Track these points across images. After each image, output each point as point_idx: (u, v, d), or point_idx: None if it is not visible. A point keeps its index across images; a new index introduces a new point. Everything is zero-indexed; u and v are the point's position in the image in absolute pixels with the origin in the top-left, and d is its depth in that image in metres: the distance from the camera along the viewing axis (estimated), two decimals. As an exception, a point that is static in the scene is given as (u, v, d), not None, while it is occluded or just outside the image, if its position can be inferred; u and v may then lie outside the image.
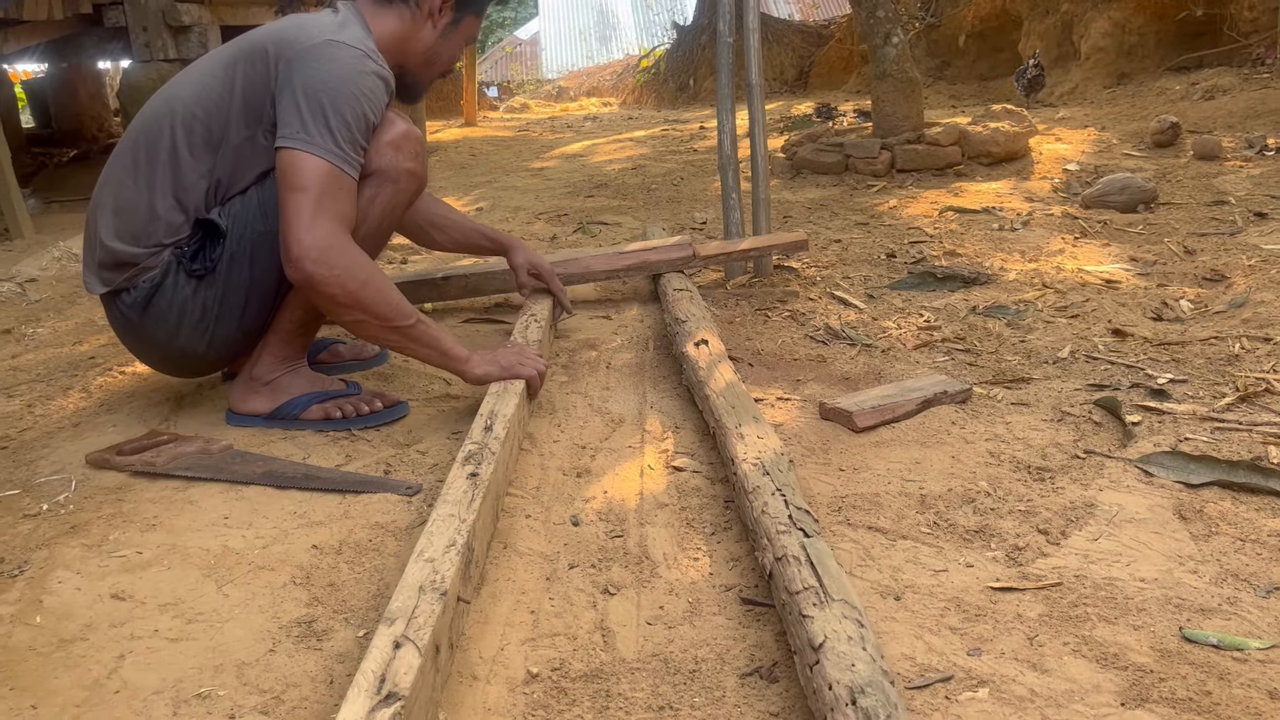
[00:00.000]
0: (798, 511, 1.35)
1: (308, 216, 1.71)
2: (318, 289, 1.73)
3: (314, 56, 1.79)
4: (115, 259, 1.87)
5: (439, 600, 1.14)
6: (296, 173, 1.73)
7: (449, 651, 1.17)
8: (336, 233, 1.74)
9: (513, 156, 6.75)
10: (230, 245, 1.87)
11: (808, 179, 4.70)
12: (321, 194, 1.72)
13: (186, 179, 1.87)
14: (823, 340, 2.43)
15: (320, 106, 1.75)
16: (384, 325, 1.81)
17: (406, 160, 1.93)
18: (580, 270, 2.76)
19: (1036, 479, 1.65)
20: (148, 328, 1.92)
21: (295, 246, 1.70)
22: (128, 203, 1.87)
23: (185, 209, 1.87)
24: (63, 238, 3.83)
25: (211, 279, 1.88)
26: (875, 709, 0.95)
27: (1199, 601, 1.29)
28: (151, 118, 1.91)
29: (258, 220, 1.87)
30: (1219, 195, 3.70)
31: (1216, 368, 2.08)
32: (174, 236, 1.87)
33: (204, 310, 1.90)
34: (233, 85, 1.86)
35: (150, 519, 1.61)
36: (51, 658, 1.25)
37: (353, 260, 1.75)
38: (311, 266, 1.71)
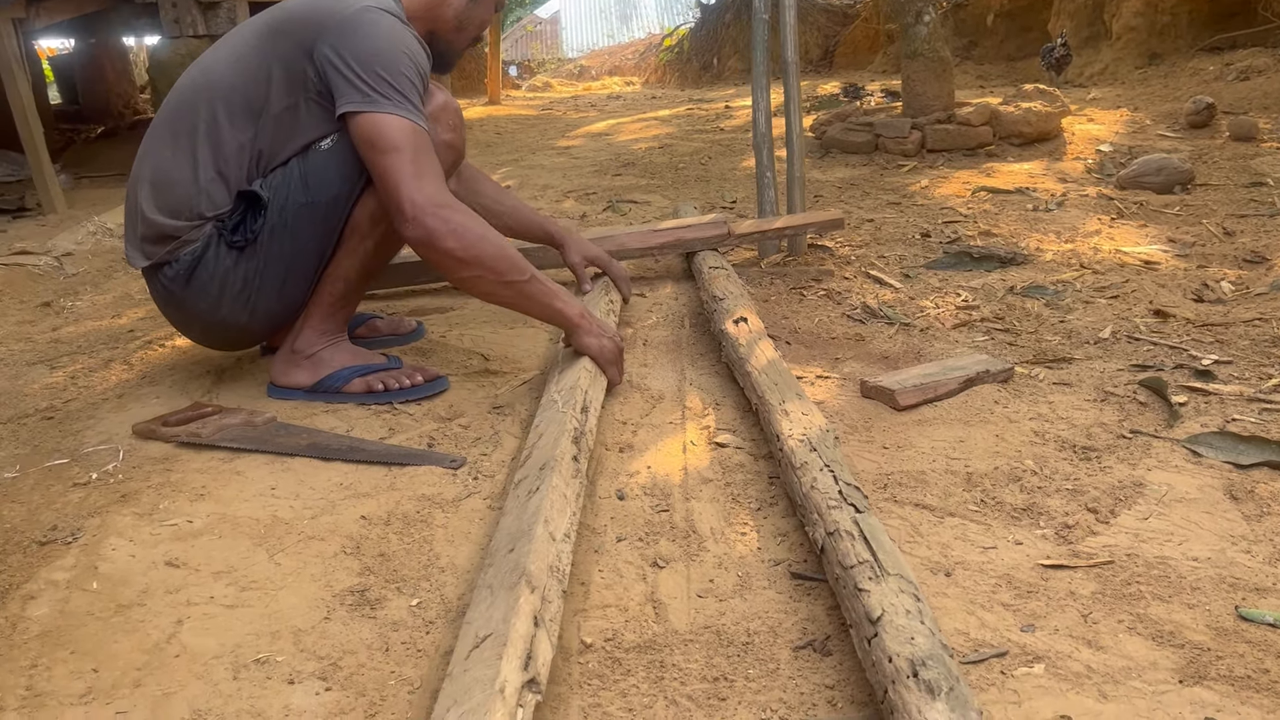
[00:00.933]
0: (847, 487, 1.35)
1: (411, 175, 1.71)
2: (437, 245, 1.73)
3: (357, 24, 1.79)
4: (158, 232, 1.88)
5: (560, 597, 1.16)
6: (382, 135, 1.72)
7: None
8: (442, 189, 1.75)
9: (538, 135, 6.74)
10: (271, 217, 1.88)
11: (837, 158, 4.67)
12: (416, 152, 1.73)
13: (227, 150, 1.87)
14: (860, 319, 2.42)
15: (380, 72, 1.75)
16: (500, 280, 1.80)
17: (445, 132, 1.94)
18: (615, 247, 2.75)
19: (1083, 458, 1.64)
20: (190, 300, 1.93)
21: (409, 205, 1.70)
22: (168, 176, 1.88)
23: (227, 181, 1.88)
24: (96, 212, 3.85)
25: (253, 250, 1.89)
26: (938, 681, 0.95)
27: (1253, 581, 1.28)
28: (189, 90, 1.91)
29: (299, 192, 1.88)
30: (1256, 176, 3.66)
31: (1261, 349, 2.06)
32: (216, 209, 1.88)
33: (245, 282, 1.91)
34: (270, 55, 1.86)
35: (199, 489, 1.62)
36: (110, 622, 1.27)
37: (467, 214, 1.76)
38: (431, 221, 1.70)
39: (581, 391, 1.73)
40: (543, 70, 15.57)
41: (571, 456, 1.49)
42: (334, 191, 1.87)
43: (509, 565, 1.18)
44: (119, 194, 4.49)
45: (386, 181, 1.72)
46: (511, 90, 11.62)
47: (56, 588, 1.35)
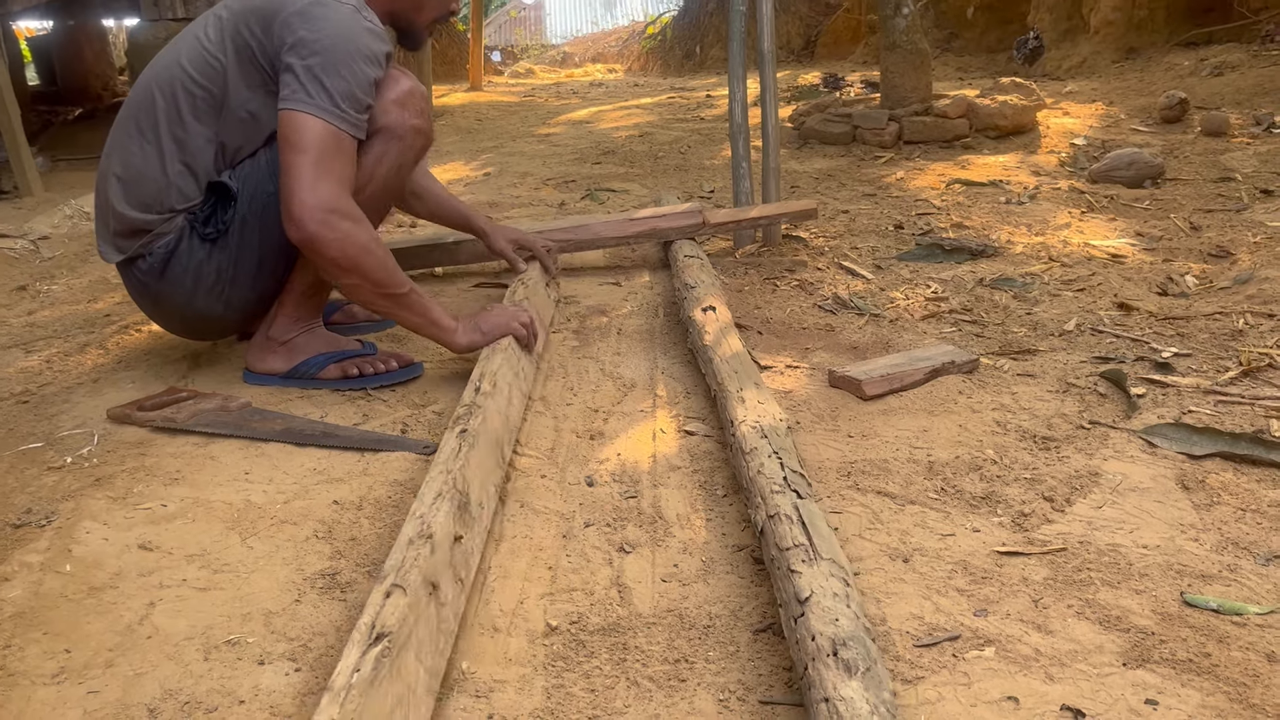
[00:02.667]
0: (793, 474, 1.38)
1: (309, 178, 1.71)
2: (318, 250, 1.74)
3: (306, 17, 1.79)
4: (130, 226, 1.89)
5: (426, 544, 1.15)
6: (296, 133, 1.73)
7: (456, 587, 1.19)
8: (338, 195, 1.74)
9: (519, 122, 6.74)
10: (241, 207, 1.89)
11: (815, 149, 4.70)
12: (321, 155, 1.73)
13: (193, 144, 1.88)
14: (831, 309, 2.46)
15: (317, 67, 1.75)
16: (378, 291, 1.82)
17: (413, 117, 1.94)
18: (590, 237, 2.78)
19: (1042, 448, 1.68)
20: (164, 292, 1.94)
21: (297, 207, 1.71)
22: (137, 170, 1.89)
23: (195, 173, 1.89)
24: (73, 195, 3.84)
25: (224, 242, 1.90)
26: (856, 660, 0.98)
27: (1200, 568, 1.33)
28: (152, 85, 1.91)
29: (267, 181, 1.89)
30: (1226, 172, 3.71)
31: (1220, 342, 2.10)
32: (186, 202, 1.89)
33: (219, 273, 1.92)
34: (226, 49, 1.86)
35: (173, 473, 1.64)
36: (83, 604, 1.29)
37: (354, 224, 1.75)
38: (313, 227, 1.71)
39: (474, 381, 1.73)
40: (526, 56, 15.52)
41: (457, 433, 1.49)
42: None
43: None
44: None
45: (285, 179, 1.72)
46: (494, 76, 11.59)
47: (30, 570, 1.37)
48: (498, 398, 1.67)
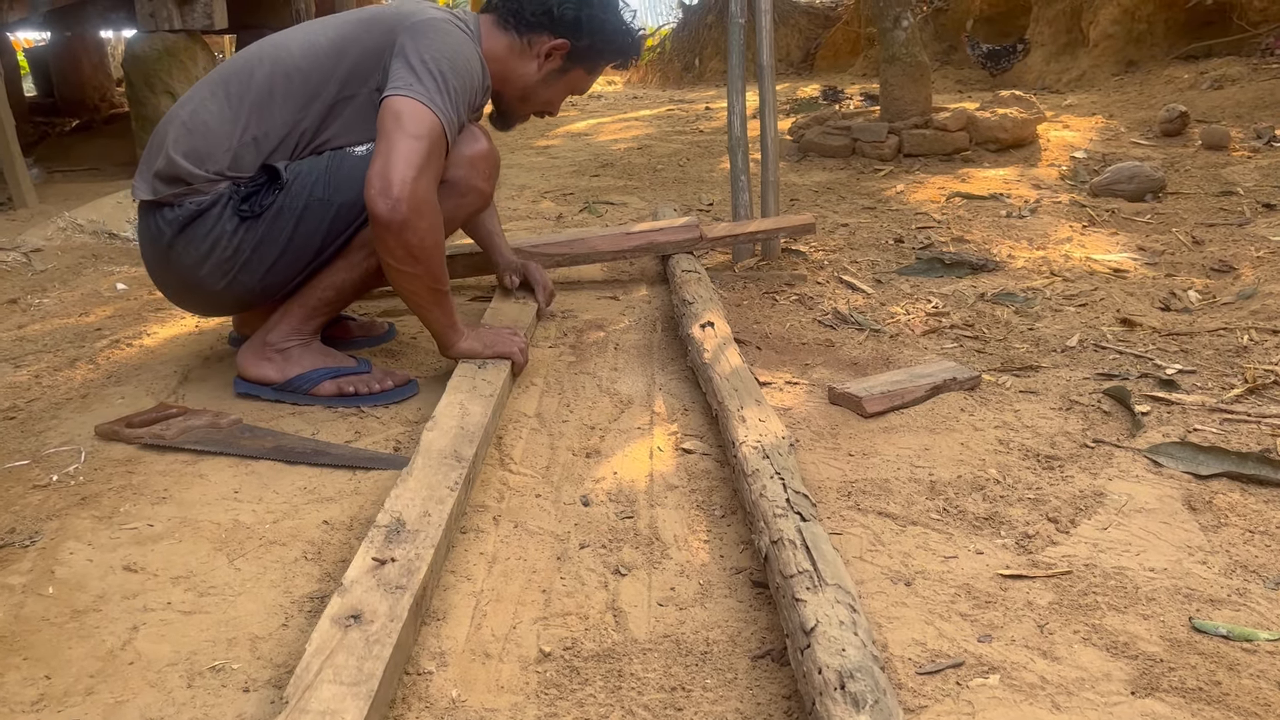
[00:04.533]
0: (795, 495, 1.35)
1: (418, 164, 1.72)
2: (404, 234, 1.74)
3: (432, 27, 1.86)
4: (174, 172, 1.88)
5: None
6: (414, 120, 1.74)
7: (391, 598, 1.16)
8: (434, 190, 1.78)
9: (517, 134, 6.71)
10: (283, 198, 1.88)
11: (814, 162, 4.68)
12: (431, 148, 1.75)
13: (271, 123, 1.89)
14: (831, 324, 2.43)
15: (436, 69, 1.79)
16: (431, 286, 1.85)
17: (479, 180, 1.98)
18: (587, 250, 2.75)
19: (1046, 467, 1.66)
20: (176, 249, 1.92)
21: (399, 187, 1.70)
22: (204, 125, 1.89)
23: (260, 151, 1.90)
24: (67, 207, 3.81)
25: (254, 224, 1.89)
26: (863, 693, 0.95)
27: (1208, 592, 1.30)
28: (254, 56, 1.94)
29: (320, 185, 1.89)
30: (1227, 185, 3.69)
31: (1225, 359, 2.08)
32: (238, 173, 1.89)
33: (236, 251, 1.90)
34: (343, 47, 1.91)
35: (161, 491, 1.61)
36: (65, 628, 1.26)
37: (439, 221, 1.80)
38: (409, 212, 1.71)
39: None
40: (525, 68, 15.50)
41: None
42: (351, 198, 1.88)
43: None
44: (92, 189, 4.45)
45: (391, 155, 1.72)
46: (493, 88, 11.57)
47: (12, 592, 1.33)
48: (445, 418, 1.69)
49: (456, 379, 1.86)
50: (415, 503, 1.38)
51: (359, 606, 1.14)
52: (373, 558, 1.24)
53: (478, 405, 1.75)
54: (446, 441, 1.58)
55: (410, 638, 1.17)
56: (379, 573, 1.21)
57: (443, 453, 1.55)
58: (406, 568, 1.23)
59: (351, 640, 1.08)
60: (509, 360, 1.98)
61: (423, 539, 1.30)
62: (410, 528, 1.32)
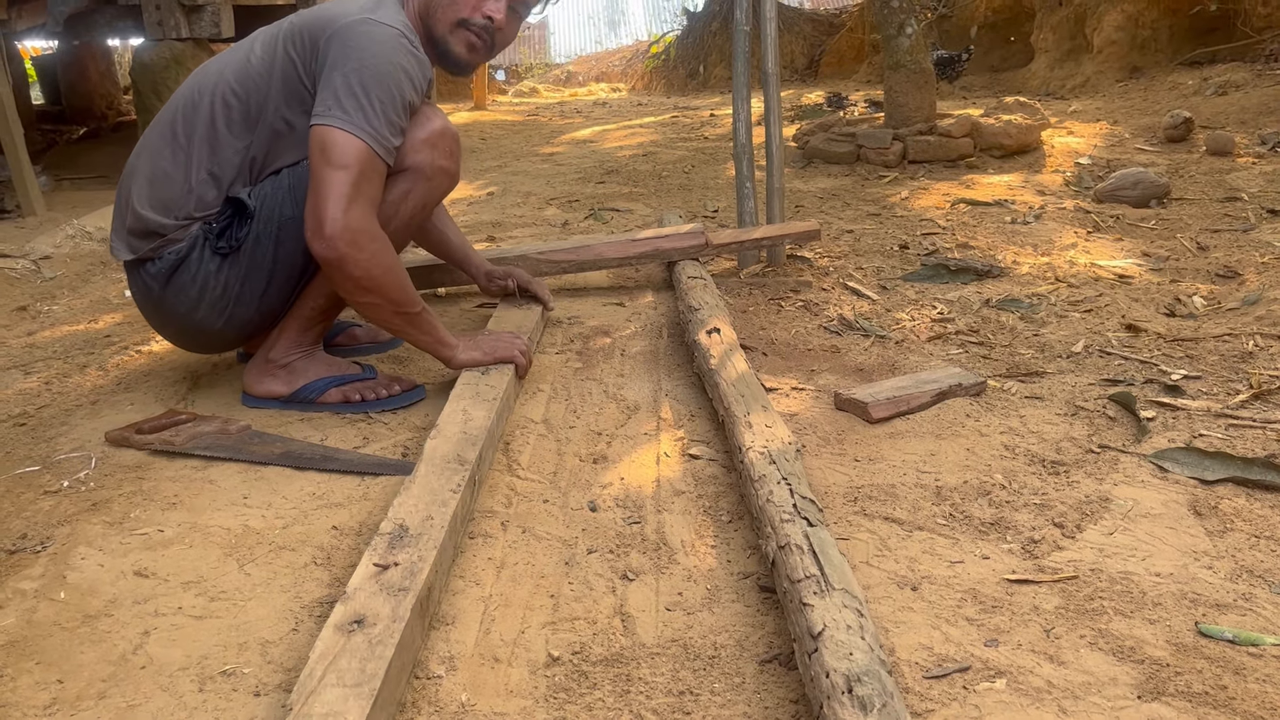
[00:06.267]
0: (802, 500, 1.36)
1: (344, 197, 1.71)
2: (345, 270, 1.73)
3: (350, 35, 1.79)
4: (145, 227, 1.88)
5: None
6: (335, 150, 1.72)
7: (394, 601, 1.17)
8: (369, 217, 1.75)
9: (523, 141, 6.74)
10: (257, 226, 1.88)
11: (819, 168, 4.69)
12: (359, 175, 1.73)
13: (223, 154, 1.88)
14: (836, 331, 2.44)
15: (358, 87, 1.75)
16: (395, 310, 1.83)
17: (441, 159, 1.94)
18: (592, 257, 2.76)
19: (1051, 473, 1.66)
20: (168, 299, 1.92)
21: (330, 225, 1.70)
22: (163, 173, 1.89)
23: (219, 184, 1.89)
24: (75, 215, 3.83)
25: (235, 258, 1.89)
26: (871, 697, 0.96)
27: (1214, 597, 1.30)
28: (194, 90, 1.92)
29: (286, 204, 1.88)
30: (1232, 191, 3.69)
31: (1230, 365, 2.08)
32: (204, 211, 1.88)
33: (225, 288, 1.91)
34: (273, 65, 1.87)
35: (171, 497, 1.62)
36: (76, 633, 1.27)
37: (381, 246, 1.77)
38: (344, 248, 1.71)
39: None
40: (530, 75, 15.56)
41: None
42: None
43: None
44: (100, 196, 4.47)
45: (318, 193, 1.71)
46: (498, 95, 11.62)
47: (24, 597, 1.34)
48: (448, 425, 1.70)
49: (460, 386, 1.87)
50: (418, 508, 1.39)
51: (362, 611, 1.15)
52: (375, 563, 1.24)
53: (480, 410, 1.75)
54: (449, 447, 1.59)
55: (416, 639, 1.18)
56: (381, 578, 1.22)
57: (445, 458, 1.55)
58: (409, 570, 1.23)
59: (355, 644, 1.09)
60: (512, 364, 1.99)
61: (425, 541, 1.30)
62: (413, 532, 1.32)
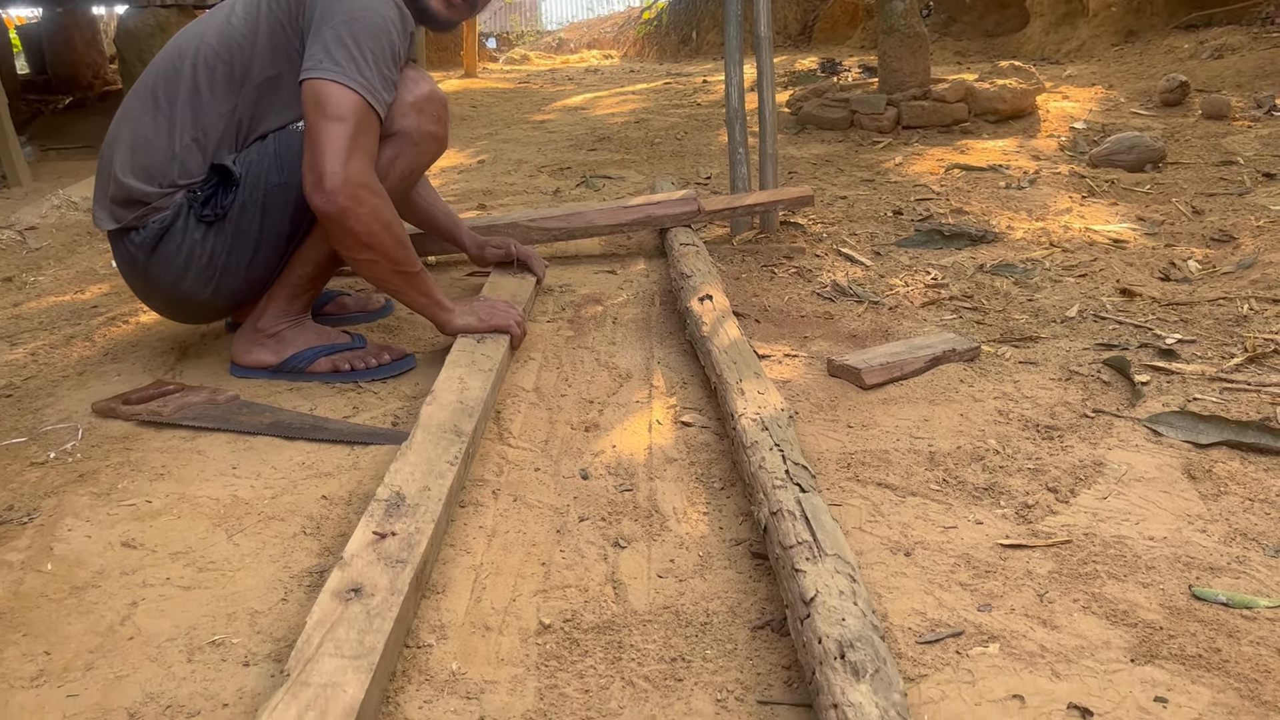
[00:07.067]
0: (795, 467, 1.35)
1: (343, 149, 1.68)
2: (346, 224, 1.71)
3: None
4: (128, 195, 1.85)
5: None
6: (331, 102, 1.69)
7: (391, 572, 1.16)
8: (369, 170, 1.73)
9: (513, 109, 6.68)
10: (242, 194, 1.85)
11: (812, 134, 4.65)
12: (356, 128, 1.70)
13: (207, 119, 1.85)
14: (829, 297, 2.42)
15: (349, 39, 1.72)
16: (395, 269, 1.81)
17: (429, 123, 1.92)
18: (583, 224, 2.74)
19: (1045, 437, 1.65)
20: (153, 269, 1.90)
21: (330, 179, 1.67)
22: (145, 139, 1.85)
23: (204, 150, 1.85)
24: (60, 185, 3.79)
25: (221, 226, 1.86)
26: (863, 663, 0.95)
27: (1208, 560, 1.30)
28: (174, 54, 1.88)
29: (272, 171, 1.85)
30: (1227, 155, 3.67)
31: (1225, 328, 2.07)
32: (189, 179, 1.85)
33: (211, 257, 1.88)
34: (257, 23, 1.84)
35: (158, 468, 1.61)
36: (64, 604, 1.26)
37: (382, 201, 1.74)
38: (345, 201, 1.68)
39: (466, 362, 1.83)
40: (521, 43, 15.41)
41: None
42: None
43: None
44: (86, 167, 4.43)
45: (317, 146, 1.68)
46: (488, 63, 11.51)
47: (10, 569, 1.33)
48: (444, 392, 1.68)
49: (455, 353, 1.85)
50: (415, 477, 1.38)
51: (359, 580, 1.14)
52: (373, 531, 1.23)
53: (477, 380, 1.74)
54: (446, 415, 1.58)
55: (410, 611, 1.17)
56: (379, 546, 1.21)
57: (442, 427, 1.54)
58: (407, 542, 1.23)
59: (353, 614, 1.08)
60: (507, 333, 1.97)
61: (423, 513, 1.30)
62: (410, 502, 1.31)
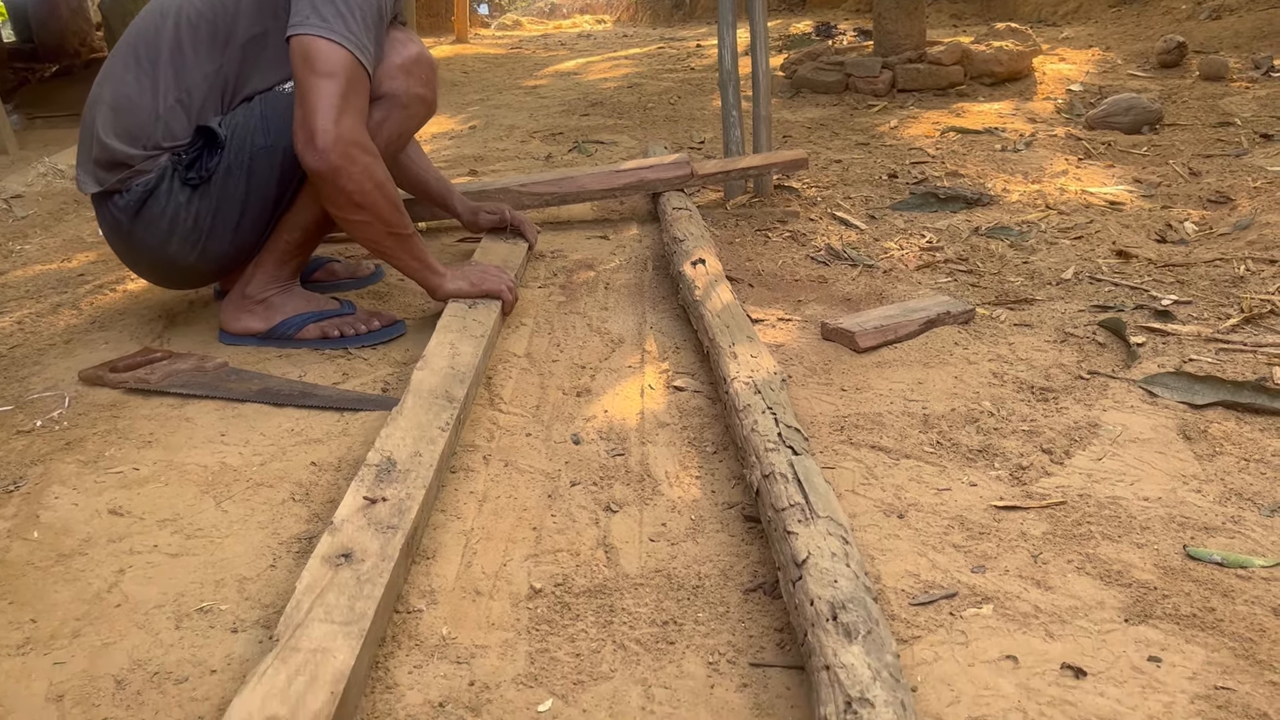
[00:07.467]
0: (787, 429, 1.34)
1: (334, 106, 1.65)
2: (338, 183, 1.68)
3: None
4: (111, 158, 1.82)
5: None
6: (320, 58, 1.65)
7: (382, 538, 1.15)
8: (361, 128, 1.70)
9: (505, 74, 6.61)
10: (228, 156, 1.82)
11: (807, 98, 4.61)
12: (347, 85, 1.67)
13: (190, 79, 1.81)
14: (824, 261, 2.40)
15: (337, 1, 1.68)
16: (388, 230, 1.78)
17: (417, 86, 1.88)
18: (576, 189, 2.71)
19: (1040, 399, 1.64)
20: (137, 233, 1.87)
21: (321, 136, 1.64)
22: (128, 100, 1.82)
23: (188, 111, 1.82)
24: (47, 153, 3.75)
25: (206, 189, 1.84)
26: (855, 624, 0.94)
27: (1203, 520, 1.29)
28: (156, 12, 1.85)
29: (258, 133, 1.82)
30: (1225, 116, 3.64)
31: (1221, 289, 2.06)
32: (173, 141, 1.82)
33: (196, 221, 1.85)
34: None
35: (146, 436, 1.59)
36: (50, 572, 1.25)
37: (374, 160, 1.72)
38: (338, 159, 1.65)
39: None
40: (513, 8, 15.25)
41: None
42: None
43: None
44: (72, 135, 4.37)
45: (307, 103, 1.65)
46: (480, 29, 11.39)
47: (-4, 537, 1.32)
48: (436, 357, 1.67)
49: (446, 319, 1.83)
50: (406, 442, 1.37)
51: (350, 545, 1.13)
52: (364, 496, 1.22)
53: (468, 345, 1.72)
54: (437, 381, 1.56)
55: (401, 577, 1.16)
56: (370, 512, 1.19)
57: (434, 392, 1.53)
58: (398, 507, 1.21)
59: (343, 579, 1.07)
60: (498, 299, 1.95)
61: (414, 479, 1.28)
62: (401, 467, 1.30)
